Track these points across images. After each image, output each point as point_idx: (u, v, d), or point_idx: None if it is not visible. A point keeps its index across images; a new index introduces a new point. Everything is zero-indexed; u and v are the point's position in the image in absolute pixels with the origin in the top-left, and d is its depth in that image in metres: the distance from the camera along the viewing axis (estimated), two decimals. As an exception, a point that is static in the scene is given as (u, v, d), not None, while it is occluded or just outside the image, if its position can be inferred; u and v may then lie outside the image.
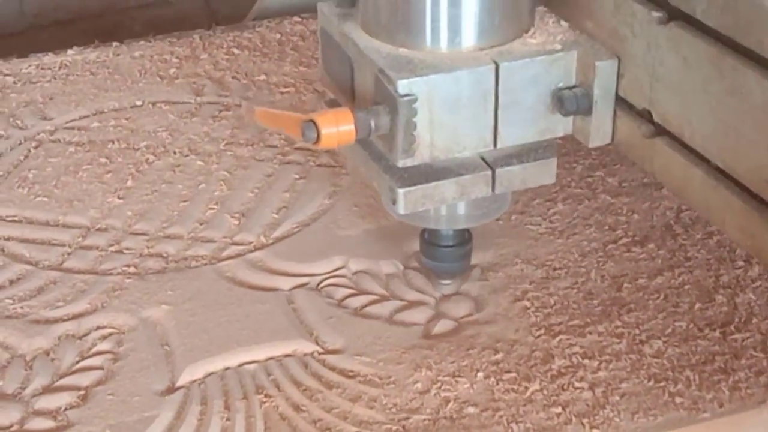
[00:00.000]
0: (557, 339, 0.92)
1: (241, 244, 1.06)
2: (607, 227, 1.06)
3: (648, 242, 1.04)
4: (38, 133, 1.24)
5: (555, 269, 1.01)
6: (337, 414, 0.85)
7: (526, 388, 0.87)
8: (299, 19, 1.49)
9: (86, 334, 0.94)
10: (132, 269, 1.02)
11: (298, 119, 0.79)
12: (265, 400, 0.87)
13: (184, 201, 1.12)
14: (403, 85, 0.76)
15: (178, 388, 0.88)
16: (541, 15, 0.85)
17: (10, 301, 0.98)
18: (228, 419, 0.85)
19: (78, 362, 0.91)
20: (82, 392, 0.88)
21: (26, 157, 1.20)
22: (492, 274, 1.00)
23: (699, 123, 0.74)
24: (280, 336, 0.94)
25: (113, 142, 1.22)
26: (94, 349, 0.92)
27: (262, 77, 1.35)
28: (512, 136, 0.82)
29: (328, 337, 0.94)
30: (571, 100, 0.80)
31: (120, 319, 0.96)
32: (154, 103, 1.30)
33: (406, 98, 0.76)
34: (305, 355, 0.92)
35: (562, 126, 0.83)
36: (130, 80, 1.34)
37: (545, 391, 0.87)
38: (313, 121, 0.77)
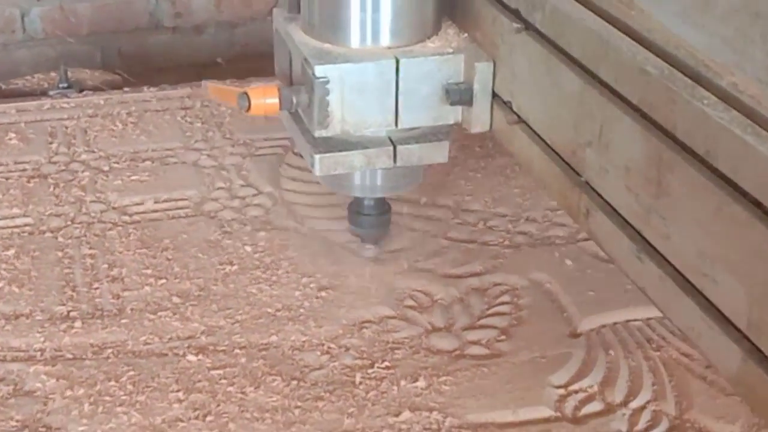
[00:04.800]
0: None
1: (592, 229, 1.22)
2: None
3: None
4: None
5: None
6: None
7: None
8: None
9: (487, 289, 1.12)
10: (506, 242, 1.19)
11: (236, 91, 1.00)
12: (656, 349, 1.02)
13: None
14: (319, 70, 0.96)
15: (580, 334, 1.05)
16: (446, 26, 1.05)
17: (419, 258, 1.16)
18: (633, 361, 1.01)
19: (488, 309, 1.08)
20: (500, 331, 1.05)
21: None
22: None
23: (536, 111, 0.92)
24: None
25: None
26: (498, 300, 1.09)
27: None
28: (410, 120, 1.01)
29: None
30: (456, 93, 0.98)
31: (511, 279, 1.13)
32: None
33: (320, 80, 0.96)
34: (682, 318, 1.07)
35: (452, 115, 1.01)
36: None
37: None
38: (246, 93, 0.99)
